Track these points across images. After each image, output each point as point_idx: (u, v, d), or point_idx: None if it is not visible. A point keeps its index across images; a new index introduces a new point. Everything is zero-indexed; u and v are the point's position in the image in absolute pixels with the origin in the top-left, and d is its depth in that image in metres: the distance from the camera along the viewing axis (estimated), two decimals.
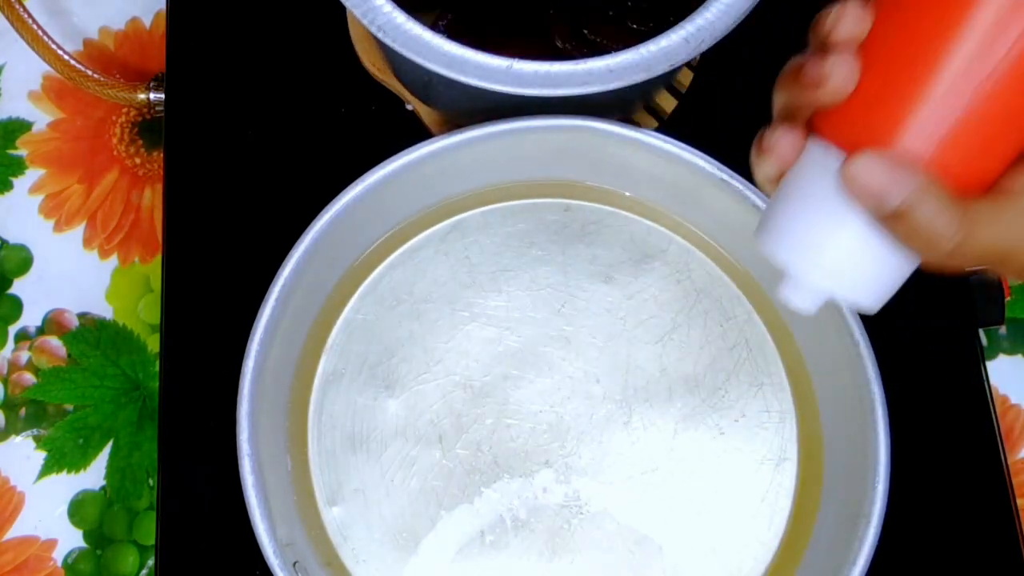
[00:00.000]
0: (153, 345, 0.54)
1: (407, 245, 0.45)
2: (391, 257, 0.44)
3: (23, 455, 0.53)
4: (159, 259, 0.54)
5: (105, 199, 0.56)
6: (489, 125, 0.41)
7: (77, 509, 0.52)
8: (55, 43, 0.52)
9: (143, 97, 0.53)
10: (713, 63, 0.48)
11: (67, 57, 0.52)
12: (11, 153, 0.57)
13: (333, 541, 0.41)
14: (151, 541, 0.51)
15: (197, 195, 0.49)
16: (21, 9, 0.51)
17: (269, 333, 0.39)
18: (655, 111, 0.49)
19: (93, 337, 0.54)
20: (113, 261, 0.55)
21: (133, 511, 0.52)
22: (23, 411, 0.53)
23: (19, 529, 0.52)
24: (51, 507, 0.52)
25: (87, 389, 0.54)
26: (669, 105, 0.49)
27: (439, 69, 0.36)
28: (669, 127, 0.48)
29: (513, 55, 0.37)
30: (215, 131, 0.50)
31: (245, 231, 0.48)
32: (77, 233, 0.56)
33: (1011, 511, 0.45)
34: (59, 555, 0.51)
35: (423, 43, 0.36)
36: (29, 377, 0.54)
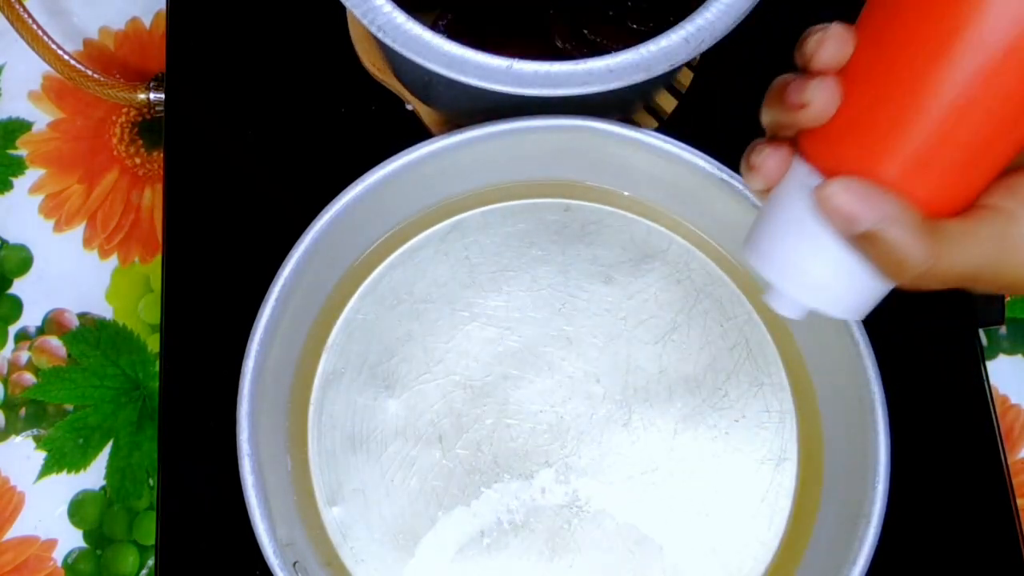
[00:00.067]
0: (153, 345, 0.54)
1: (407, 245, 0.45)
2: (391, 257, 0.44)
3: (23, 455, 0.53)
4: (159, 259, 0.54)
5: (105, 199, 0.56)
6: (489, 125, 0.41)
7: (77, 509, 0.52)
8: (55, 43, 0.52)
9: (143, 97, 0.53)
10: (713, 63, 0.48)
11: (67, 57, 0.52)
12: (11, 153, 0.57)
13: (333, 541, 0.41)
14: (151, 541, 0.51)
15: (197, 195, 0.49)
16: (21, 9, 0.51)
17: (269, 333, 0.39)
18: (655, 111, 0.49)
19: (93, 337, 0.54)
20: (113, 261, 0.55)
21: (133, 511, 0.52)
22: (23, 411, 0.53)
23: (19, 529, 0.52)
24: (51, 507, 0.52)
25: (87, 389, 0.54)
26: (669, 105, 0.49)
27: (439, 69, 0.36)
28: (669, 127, 0.48)
29: (513, 55, 0.37)
30: (215, 131, 0.50)
31: (245, 231, 0.48)
32: (77, 233, 0.56)
33: (1011, 511, 0.45)
34: (59, 555, 0.51)
35: (423, 43, 0.36)
36: (29, 377, 0.54)
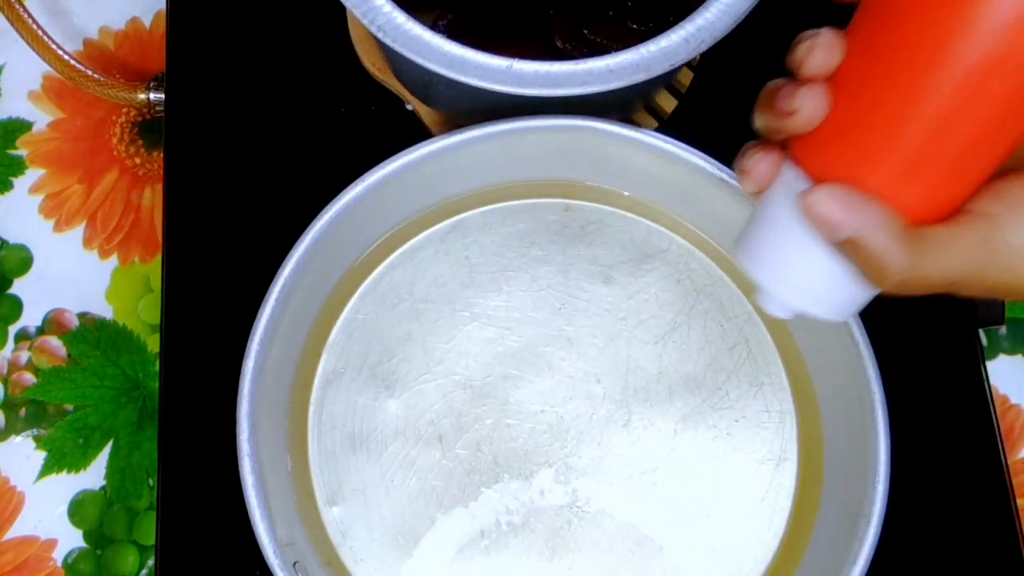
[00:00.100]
0: (153, 345, 0.54)
1: (407, 245, 0.45)
2: (391, 257, 0.44)
3: (23, 455, 0.53)
4: (159, 259, 0.54)
5: (105, 199, 0.56)
6: (489, 125, 0.41)
7: (77, 509, 0.52)
8: (55, 43, 0.52)
9: (143, 97, 0.53)
10: (713, 63, 0.48)
11: (67, 57, 0.52)
12: (11, 153, 0.57)
13: (333, 541, 0.41)
14: (151, 541, 0.51)
15: (197, 195, 0.49)
16: (21, 9, 0.51)
17: (269, 333, 0.39)
18: (655, 111, 0.49)
19: (93, 337, 0.54)
20: (113, 261, 0.55)
21: (133, 511, 0.52)
22: (23, 411, 0.53)
23: (19, 529, 0.52)
24: (51, 507, 0.52)
25: (87, 389, 0.54)
26: (669, 105, 0.49)
27: (439, 69, 0.36)
28: (669, 127, 0.48)
29: (513, 55, 0.37)
30: (215, 131, 0.50)
31: (245, 231, 0.48)
32: (77, 233, 0.56)
33: (1011, 511, 0.45)
34: (59, 555, 0.51)
35: (423, 43, 0.36)
36: (29, 377, 0.54)
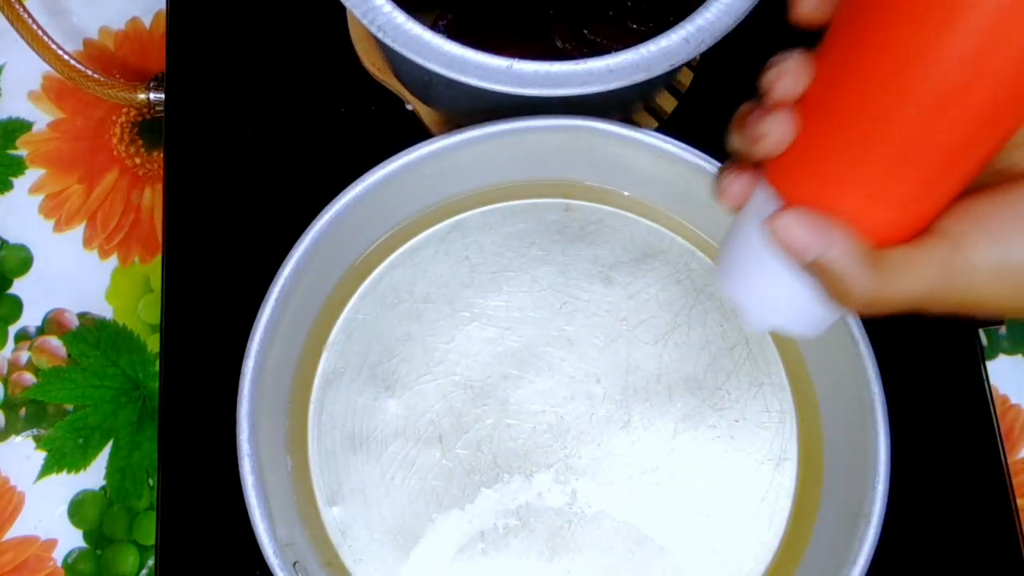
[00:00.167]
0: (153, 345, 0.54)
1: (407, 245, 0.45)
2: (391, 257, 0.44)
3: (23, 455, 0.53)
4: (159, 259, 0.54)
5: (105, 199, 0.56)
6: (489, 125, 0.41)
7: (77, 509, 0.52)
8: (55, 43, 0.52)
9: (143, 97, 0.53)
10: (713, 63, 0.48)
11: (67, 57, 0.52)
12: (11, 153, 0.57)
13: (333, 541, 0.41)
14: (151, 541, 0.51)
15: (197, 195, 0.49)
16: (21, 9, 0.51)
17: (269, 333, 0.39)
18: (655, 111, 0.49)
19: (93, 337, 0.54)
20: (113, 261, 0.55)
21: (133, 511, 0.52)
22: (23, 411, 0.53)
23: (19, 529, 0.52)
24: (51, 507, 0.52)
25: (87, 389, 0.53)
26: (669, 105, 0.49)
27: (439, 69, 0.36)
28: (669, 127, 0.48)
29: (513, 55, 0.37)
30: (215, 131, 0.50)
31: (245, 231, 0.48)
32: (77, 233, 0.56)
33: (1011, 511, 0.45)
34: (59, 555, 0.51)
35: (423, 43, 0.36)
36: (29, 377, 0.54)
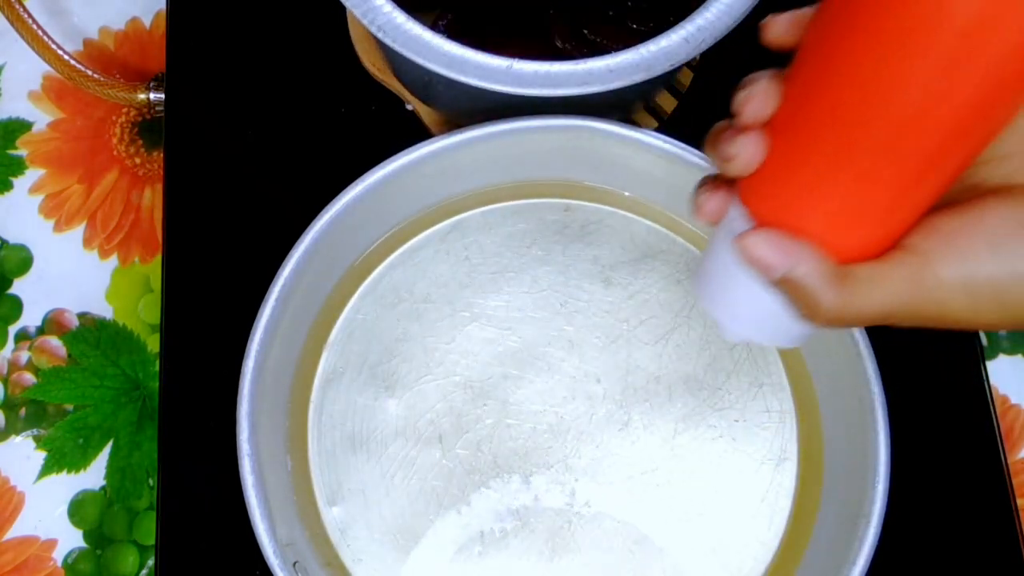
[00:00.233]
0: (153, 345, 0.54)
1: (407, 245, 0.45)
2: (391, 257, 0.44)
3: (23, 455, 0.53)
4: (159, 259, 0.54)
5: (105, 199, 0.56)
6: (489, 125, 0.41)
7: (77, 509, 0.52)
8: (55, 43, 0.52)
9: (143, 97, 0.53)
10: (713, 63, 0.48)
11: (67, 57, 0.52)
12: (11, 153, 0.57)
13: (333, 541, 0.41)
14: (151, 541, 0.51)
15: (197, 195, 0.49)
16: (21, 9, 0.51)
17: (269, 333, 0.39)
18: (655, 111, 0.49)
19: (93, 337, 0.54)
20: (113, 261, 0.55)
21: (133, 511, 0.52)
22: (23, 411, 0.53)
23: (19, 529, 0.52)
24: (51, 507, 0.52)
25: (87, 389, 0.53)
26: (669, 105, 0.49)
27: (439, 69, 0.36)
28: (669, 127, 0.48)
29: (513, 55, 0.37)
30: (215, 131, 0.50)
31: (245, 231, 0.48)
32: (77, 233, 0.56)
33: (1011, 511, 0.45)
34: (59, 555, 0.51)
35: (423, 43, 0.36)
36: (29, 377, 0.54)
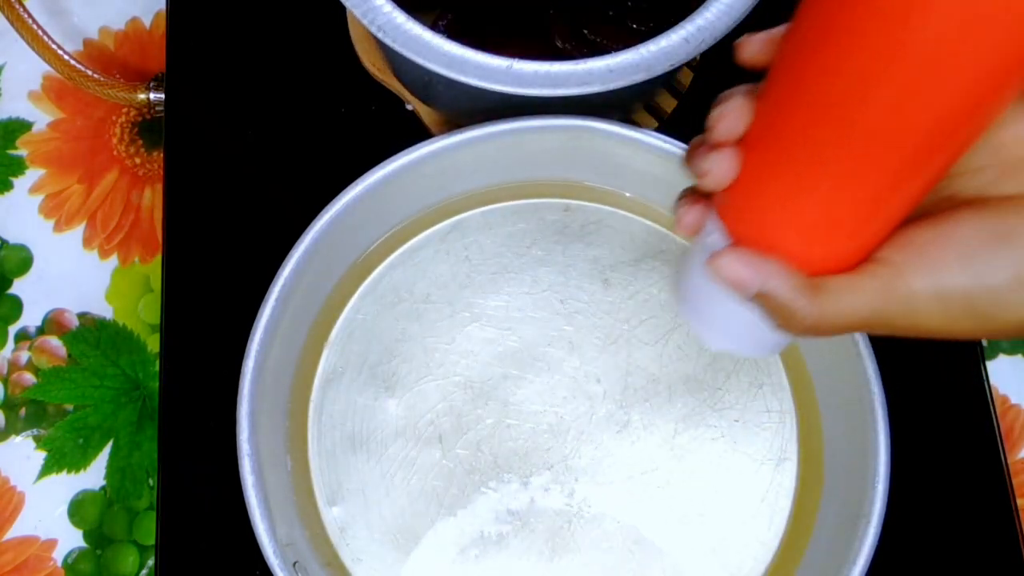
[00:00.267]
0: (153, 345, 0.54)
1: (407, 245, 0.45)
2: (391, 257, 0.44)
3: (23, 455, 0.53)
4: (159, 259, 0.54)
5: (105, 199, 0.56)
6: (489, 125, 0.41)
7: (77, 509, 0.52)
8: (55, 43, 0.52)
9: (143, 97, 0.53)
10: (713, 63, 0.48)
11: (67, 57, 0.52)
12: (11, 153, 0.57)
13: (333, 541, 0.41)
14: (151, 541, 0.51)
15: (197, 195, 0.49)
16: (21, 9, 0.51)
17: (269, 333, 0.39)
18: (655, 111, 0.49)
19: (93, 337, 0.54)
20: (113, 261, 0.55)
21: (133, 511, 0.52)
22: (23, 411, 0.53)
23: (19, 529, 0.52)
24: (51, 507, 0.52)
25: (87, 389, 0.53)
26: (669, 105, 0.49)
27: (439, 69, 0.36)
28: (669, 127, 0.48)
29: (513, 55, 0.37)
30: (215, 131, 0.50)
31: (245, 231, 0.48)
32: (77, 233, 0.56)
33: (1011, 511, 0.45)
34: (59, 555, 0.51)
35: (423, 43, 0.36)
36: (29, 377, 0.54)
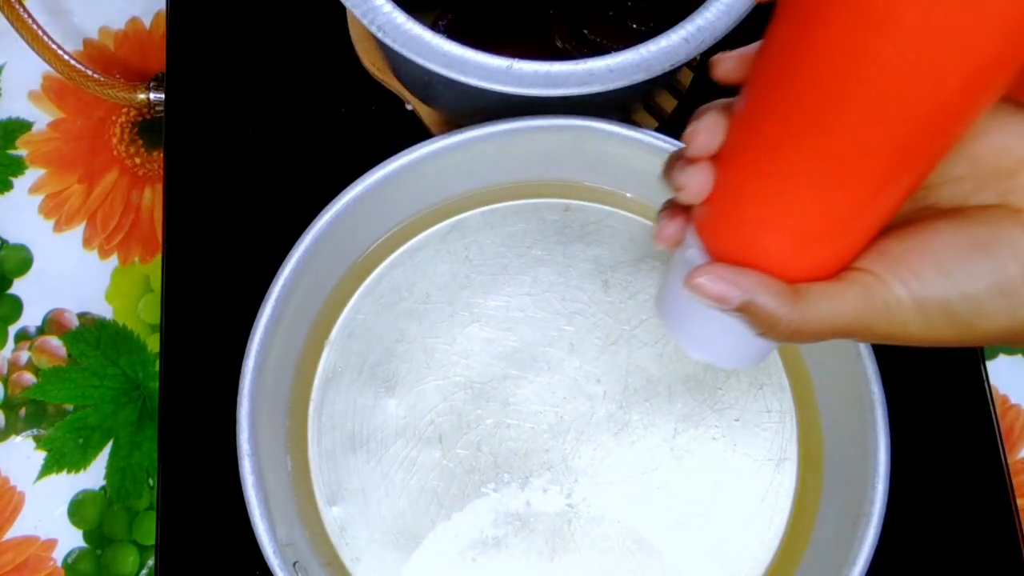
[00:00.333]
0: (153, 345, 0.54)
1: (407, 245, 0.45)
2: (391, 257, 0.44)
3: (23, 455, 0.53)
4: (159, 259, 0.54)
5: (105, 199, 0.56)
6: (489, 125, 0.41)
7: (77, 509, 0.52)
8: (55, 43, 0.52)
9: (143, 97, 0.53)
10: None
11: (67, 57, 0.52)
12: (11, 153, 0.57)
13: (333, 541, 0.41)
14: (151, 541, 0.51)
15: (197, 195, 0.49)
16: (21, 9, 0.51)
17: (269, 333, 0.39)
18: (655, 111, 0.49)
19: (93, 337, 0.54)
20: (113, 261, 0.55)
21: (133, 511, 0.52)
22: (23, 411, 0.53)
23: (19, 529, 0.52)
24: (51, 507, 0.52)
25: (87, 389, 0.53)
26: (669, 105, 0.49)
27: (439, 69, 0.36)
28: (669, 127, 0.48)
29: (513, 55, 0.37)
30: (215, 131, 0.50)
31: (245, 231, 0.48)
32: (77, 233, 0.56)
33: (1011, 511, 0.45)
34: (59, 555, 0.51)
35: (423, 43, 0.36)
36: (29, 377, 0.54)
